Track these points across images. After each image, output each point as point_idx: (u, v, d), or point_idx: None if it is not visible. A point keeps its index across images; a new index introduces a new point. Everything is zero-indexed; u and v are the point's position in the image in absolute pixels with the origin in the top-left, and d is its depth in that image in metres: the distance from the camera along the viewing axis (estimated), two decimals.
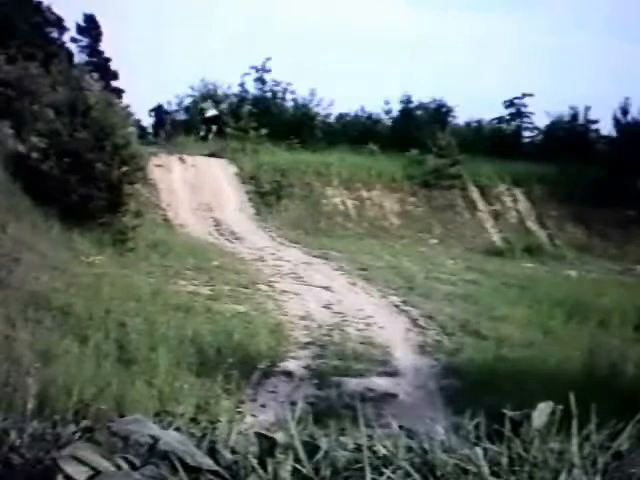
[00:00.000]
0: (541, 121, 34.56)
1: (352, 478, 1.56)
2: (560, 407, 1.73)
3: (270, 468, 1.53)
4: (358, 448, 1.63)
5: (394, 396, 9.74)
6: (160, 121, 29.70)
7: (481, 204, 27.46)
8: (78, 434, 1.78)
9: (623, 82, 52.45)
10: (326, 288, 15.70)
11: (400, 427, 1.83)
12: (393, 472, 1.55)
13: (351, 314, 13.63)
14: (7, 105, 19.13)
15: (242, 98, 33.25)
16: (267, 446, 1.57)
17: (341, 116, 34.64)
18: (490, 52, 53.98)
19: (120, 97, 26.16)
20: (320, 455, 1.59)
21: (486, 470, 1.56)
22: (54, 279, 12.21)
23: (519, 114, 34.57)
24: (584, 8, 56.21)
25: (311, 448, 1.60)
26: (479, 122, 34.96)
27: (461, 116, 34.80)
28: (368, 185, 26.95)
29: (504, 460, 1.61)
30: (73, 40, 31.49)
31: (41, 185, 16.37)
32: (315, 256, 19.52)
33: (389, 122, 34.19)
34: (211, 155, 26.89)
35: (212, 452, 1.60)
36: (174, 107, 33.95)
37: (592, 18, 55.72)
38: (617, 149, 28.58)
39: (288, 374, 10.36)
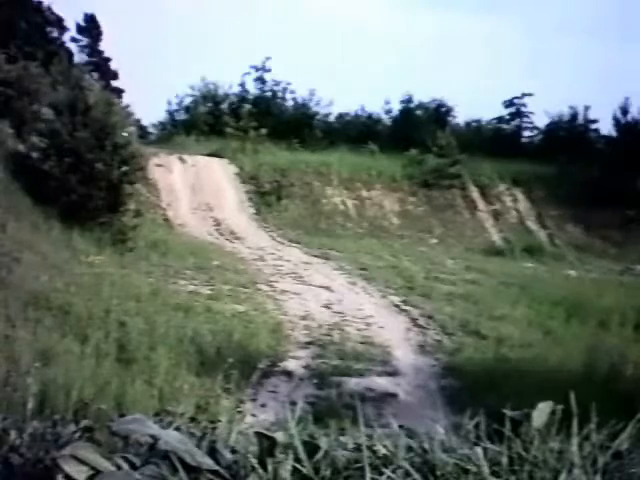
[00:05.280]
0: (541, 121, 34.63)
1: (352, 478, 1.56)
2: (560, 407, 1.73)
3: (270, 468, 1.53)
4: (358, 448, 1.63)
5: (394, 396, 9.74)
6: None
7: (481, 204, 27.46)
8: (78, 434, 1.78)
9: (623, 82, 52.42)
10: (326, 288, 15.70)
11: (400, 427, 1.83)
12: (393, 472, 1.55)
13: (351, 314, 13.63)
14: (7, 105, 19.13)
15: (242, 98, 33.25)
16: (267, 446, 1.57)
17: (341, 116, 34.66)
18: (490, 52, 53.96)
19: (120, 97, 26.16)
20: (320, 455, 1.59)
21: (486, 470, 1.56)
22: (54, 278, 12.20)
23: (519, 114, 34.57)
24: (586, 8, 56.22)
25: (311, 448, 1.60)
26: (479, 122, 34.99)
27: (461, 116, 34.89)
28: (368, 185, 26.95)
29: (504, 460, 1.61)
30: (73, 40, 31.52)
31: (41, 185, 16.37)
32: (315, 256, 19.53)
33: (389, 122, 34.20)
34: (211, 155, 26.90)
35: (212, 452, 1.60)
36: (174, 107, 34.02)
37: (593, 18, 55.72)
38: (617, 149, 28.58)
39: (288, 374, 10.36)
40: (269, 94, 33.84)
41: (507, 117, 34.86)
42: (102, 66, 31.12)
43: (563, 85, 50.76)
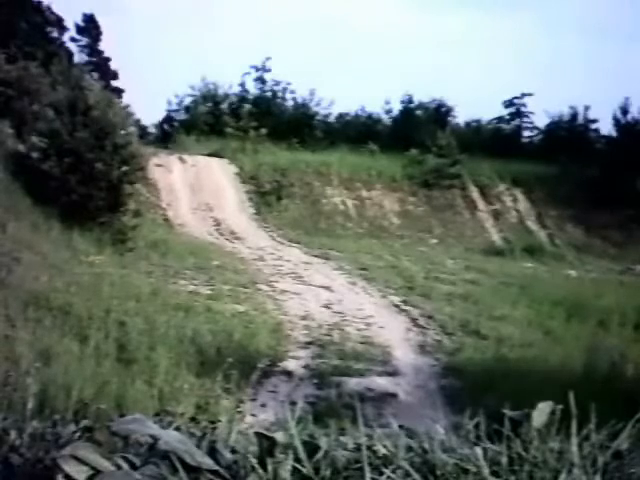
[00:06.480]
0: (541, 121, 34.62)
1: (352, 478, 1.56)
2: (560, 407, 1.73)
3: (270, 468, 1.53)
4: (358, 448, 1.63)
5: (394, 396, 9.74)
6: None
7: (481, 204, 27.46)
8: (78, 434, 1.78)
9: (623, 82, 52.42)
10: (326, 288, 15.70)
11: (400, 427, 1.83)
12: (393, 472, 1.54)
13: (351, 314, 13.63)
14: (7, 105, 19.14)
15: (242, 98, 33.24)
16: (267, 446, 1.57)
17: (341, 116, 34.64)
18: (490, 52, 53.98)
19: (120, 97, 26.16)
20: (320, 455, 1.59)
21: (486, 470, 1.56)
22: (54, 279, 12.20)
23: (519, 114, 34.57)
24: (585, 8, 56.25)
25: (311, 448, 1.60)
26: (479, 122, 34.98)
27: (461, 116, 34.88)
28: (368, 185, 26.95)
29: (504, 460, 1.61)
30: (73, 40, 31.49)
31: (41, 185, 16.36)
32: (315, 256, 19.52)
33: (389, 122, 34.18)
34: (211, 155, 26.89)
35: (212, 452, 1.60)
36: (174, 107, 34.01)
37: (591, 18, 55.76)
38: (617, 149, 28.57)
39: (288, 374, 10.36)
40: (269, 94, 33.82)
41: (507, 117, 34.88)
42: (102, 66, 31.10)
43: (563, 85, 50.76)
